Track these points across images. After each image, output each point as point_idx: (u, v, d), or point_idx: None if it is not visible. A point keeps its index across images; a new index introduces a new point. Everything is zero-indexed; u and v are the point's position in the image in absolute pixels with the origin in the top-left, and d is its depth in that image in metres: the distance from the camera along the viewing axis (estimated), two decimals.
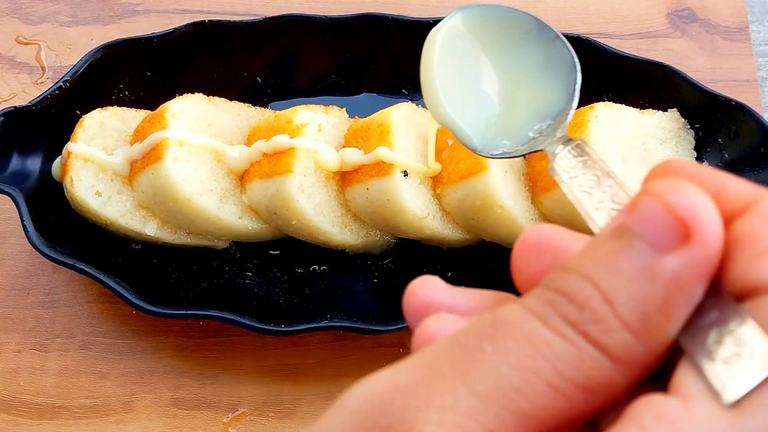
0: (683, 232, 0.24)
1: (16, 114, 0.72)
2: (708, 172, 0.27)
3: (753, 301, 0.24)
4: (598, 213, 0.32)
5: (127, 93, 0.79)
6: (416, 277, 0.31)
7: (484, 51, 0.53)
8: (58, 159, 0.73)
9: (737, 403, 0.23)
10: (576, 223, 0.70)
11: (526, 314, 0.25)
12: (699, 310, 0.25)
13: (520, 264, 0.29)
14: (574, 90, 0.48)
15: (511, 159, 0.70)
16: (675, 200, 0.24)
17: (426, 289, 0.30)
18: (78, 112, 0.75)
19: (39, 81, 0.86)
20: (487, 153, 0.52)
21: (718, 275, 0.25)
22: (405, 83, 0.84)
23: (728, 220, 0.25)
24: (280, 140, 0.68)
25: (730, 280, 0.25)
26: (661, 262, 0.24)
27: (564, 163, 0.38)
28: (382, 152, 0.68)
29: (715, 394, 0.23)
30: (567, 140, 0.40)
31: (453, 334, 0.25)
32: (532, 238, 0.29)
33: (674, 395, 0.23)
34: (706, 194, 0.24)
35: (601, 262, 0.25)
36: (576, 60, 0.49)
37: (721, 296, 0.25)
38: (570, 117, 0.46)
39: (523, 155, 0.50)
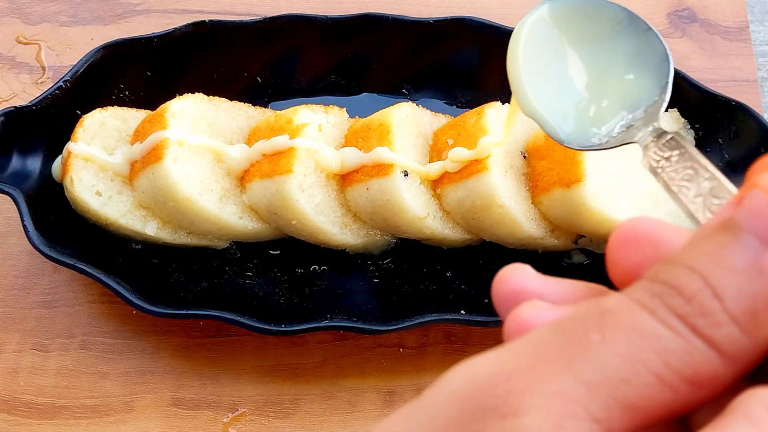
0: None
1: (16, 114, 0.72)
2: None
3: None
4: (696, 207, 0.32)
5: (127, 93, 0.79)
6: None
7: (570, 42, 0.53)
8: (58, 159, 0.73)
9: None
10: (576, 224, 0.70)
11: (634, 305, 0.25)
12: None
13: (617, 256, 0.29)
14: (667, 82, 0.47)
15: (512, 158, 0.70)
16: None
17: (518, 277, 0.30)
18: (78, 112, 0.75)
19: (39, 81, 0.86)
20: (574, 145, 0.51)
21: None
22: (405, 83, 0.84)
23: None
24: (280, 141, 0.69)
25: None
26: (765, 255, 0.24)
27: (658, 157, 0.38)
28: (382, 152, 0.68)
29: None
30: (661, 133, 0.40)
31: (556, 322, 0.25)
32: (631, 230, 0.29)
33: None
34: None
35: (708, 256, 0.25)
36: (668, 52, 0.49)
37: None
38: (663, 109, 0.46)
39: (613, 148, 0.50)
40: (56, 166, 0.73)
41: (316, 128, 0.71)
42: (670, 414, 0.24)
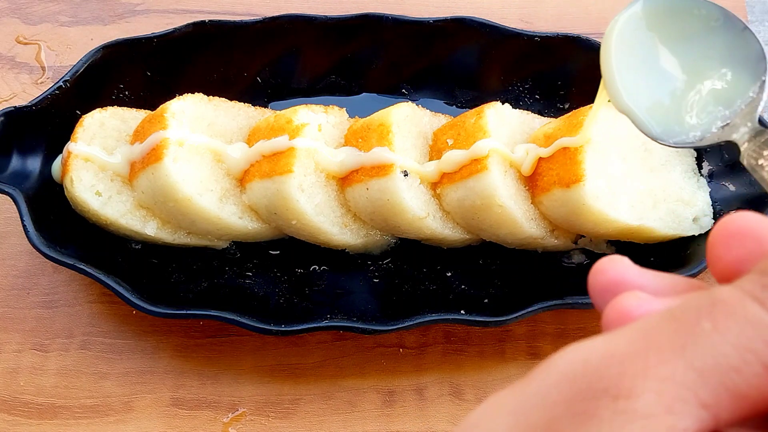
0: None
1: (16, 114, 0.72)
2: None
3: None
4: None
5: (127, 93, 0.79)
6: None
7: (663, 39, 0.53)
8: (58, 159, 0.73)
9: None
10: (576, 224, 0.70)
11: (745, 297, 0.25)
12: None
13: (719, 251, 0.29)
14: (764, 81, 0.47)
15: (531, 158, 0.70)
16: None
17: (616, 268, 0.31)
18: (78, 112, 0.75)
19: (39, 81, 0.87)
20: (667, 141, 0.52)
21: None
22: (405, 83, 0.84)
23: None
24: (280, 141, 0.69)
25: None
26: None
27: (757, 155, 0.38)
28: (382, 152, 0.68)
29: None
30: (759, 131, 0.40)
31: (667, 310, 0.26)
32: (733, 225, 0.29)
33: None
34: None
35: None
36: (765, 51, 0.49)
37: None
38: (760, 108, 0.46)
39: (709, 145, 0.50)
40: (56, 166, 0.73)
41: (316, 128, 0.71)
42: None
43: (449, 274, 0.73)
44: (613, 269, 0.31)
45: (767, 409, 0.25)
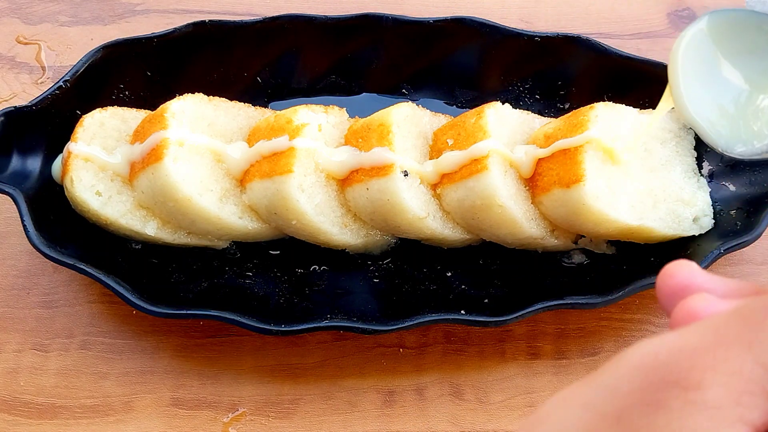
0: None
1: (16, 114, 0.72)
2: None
3: None
4: None
5: (127, 93, 0.79)
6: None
7: (729, 54, 0.55)
8: (58, 160, 0.73)
9: None
10: (576, 224, 0.70)
11: None
12: None
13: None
14: None
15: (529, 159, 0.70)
16: None
17: (685, 272, 0.32)
18: (78, 112, 0.75)
19: (39, 81, 0.87)
20: (731, 152, 0.53)
21: None
22: (405, 83, 0.84)
23: None
24: (281, 142, 0.69)
25: None
26: None
27: None
28: (382, 152, 0.68)
29: None
30: None
31: (735, 309, 0.27)
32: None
33: None
34: None
35: None
36: None
37: None
38: None
39: None
40: (56, 166, 0.73)
41: (316, 128, 0.71)
42: None
43: (449, 274, 0.73)
44: (681, 273, 0.32)
45: None
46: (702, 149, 0.76)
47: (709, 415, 0.24)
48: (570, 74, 0.81)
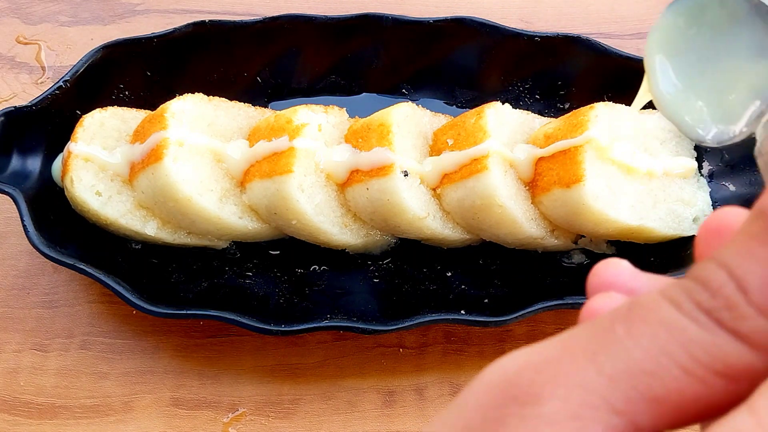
0: None
1: (16, 114, 0.72)
2: None
3: None
4: None
5: (127, 93, 0.79)
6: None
7: (698, 37, 0.54)
8: (58, 160, 0.73)
9: None
10: (576, 224, 0.70)
11: (662, 300, 0.25)
12: None
13: (701, 249, 0.29)
14: None
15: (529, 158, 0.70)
16: None
17: (611, 271, 0.31)
18: (78, 112, 0.75)
19: (39, 81, 0.87)
20: (708, 140, 0.52)
21: None
22: (405, 83, 0.84)
23: None
24: (281, 144, 0.69)
25: None
26: None
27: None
28: (382, 152, 0.68)
29: None
30: None
31: (595, 317, 0.26)
32: (714, 222, 0.29)
33: None
34: None
35: (736, 248, 0.24)
36: None
37: None
38: None
39: (744, 138, 0.50)
40: (56, 168, 0.73)
41: (316, 128, 0.71)
42: (710, 409, 0.24)
43: (449, 274, 0.73)
44: (606, 272, 0.31)
45: (704, 413, 0.24)
46: (702, 149, 0.76)
47: (545, 430, 0.23)
48: (570, 74, 0.81)
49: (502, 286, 0.72)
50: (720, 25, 0.52)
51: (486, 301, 0.70)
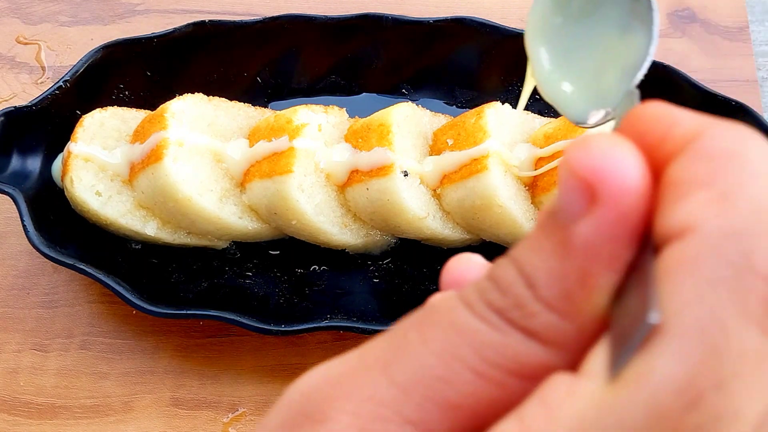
0: (589, 194, 0.22)
1: (16, 114, 0.72)
2: (664, 112, 0.24)
3: (660, 253, 0.21)
4: None
5: (127, 93, 0.79)
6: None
7: (567, 22, 0.53)
8: (58, 160, 0.73)
9: (617, 378, 0.20)
10: None
11: (456, 302, 0.24)
12: (634, 272, 0.22)
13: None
14: (652, 33, 0.41)
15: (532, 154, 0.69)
16: (577, 161, 0.22)
17: (462, 267, 0.30)
18: (78, 112, 0.75)
19: (39, 81, 0.86)
20: (587, 123, 0.51)
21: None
22: (405, 83, 0.84)
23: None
24: (281, 144, 0.69)
25: (655, 233, 0.22)
26: (573, 231, 0.22)
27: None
28: (382, 152, 0.68)
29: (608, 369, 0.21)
30: (630, 92, 0.37)
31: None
32: (453, 270, 0.29)
33: (577, 374, 0.21)
34: (620, 145, 0.22)
35: (526, 242, 0.23)
36: (653, 2, 0.47)
37: (649, 254, 0.22)
38: (646, 64, 0.43)
39: (616, 118, 0.49)
40: (56, 168, 0.73)
41: (316, 128, 0.71)
42: (510, 410, 0.22)
43: None
44: (457, 268, 0.30)
45: (502, 414, 0.23)
46: None
47: None
48: None
49: None
50: (586, 6, 0.51)
51: None
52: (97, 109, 0.74)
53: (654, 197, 0.22)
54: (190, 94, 0.73)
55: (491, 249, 0.73)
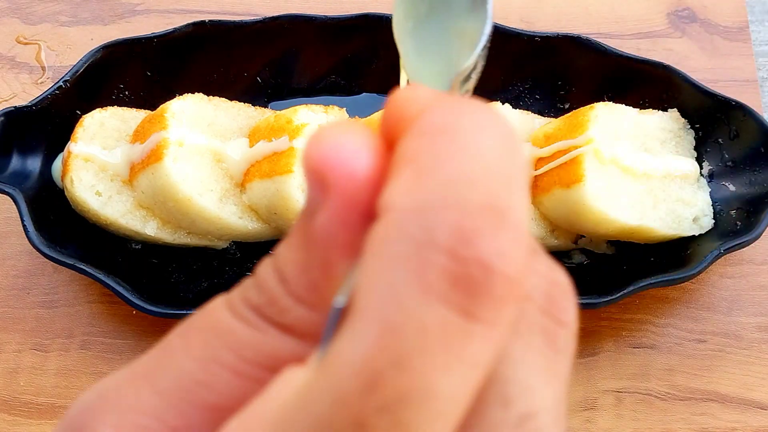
0: (322, 185, 0.21)
1: (16, 114, 0.72)
2: (409, 94, 0.23)
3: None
4: None
5: (127, 93, 0.79)
6: None
7: (421, 8, 0.52)
8: (58, 160, 0.73)
9: (318, 365, 0.20)
10: (576, 224, 0.70)
11: (222, 304, 0.24)
12: None
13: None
14: (487, 12, 0.35)
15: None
16: (310, 153, 0.22)
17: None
18: (78, 112, 0.75)
19: (39, 81, 0.86)
20: None
21: None
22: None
23: None
24: (281, 144, 0.69)
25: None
26: (313, 222, 0.22)
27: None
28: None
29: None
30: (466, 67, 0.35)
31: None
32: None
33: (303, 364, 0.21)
34: (348, 133, 0.22)
35: (284, 240, 0.23)
36: None
37: None
38: (482, 43, 0.39)
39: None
40: (56, 166, 0.73)
41: (316, 128, 0.70)
42: None
43: None
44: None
45: None
46: (702, 149, 0.76)
47: None
48: (570, 74, 0.81)
49: None
50: (432, 5, 0.50)
51: None
52: (97, 109, 0.74)
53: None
54: (190, 94, 0.73)
55: None
